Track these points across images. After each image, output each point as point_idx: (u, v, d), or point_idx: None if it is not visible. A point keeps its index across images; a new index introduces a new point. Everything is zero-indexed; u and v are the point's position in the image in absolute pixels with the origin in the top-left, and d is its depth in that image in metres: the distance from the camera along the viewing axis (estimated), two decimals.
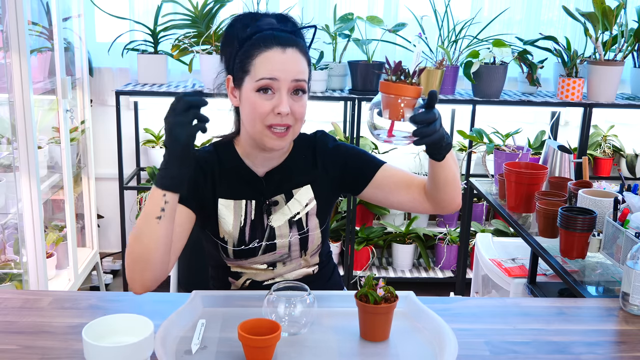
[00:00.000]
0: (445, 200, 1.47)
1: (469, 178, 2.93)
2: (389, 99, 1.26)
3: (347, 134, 3.36)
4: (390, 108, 1.26)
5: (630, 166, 3.59)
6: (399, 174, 1.55)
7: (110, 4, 3.25)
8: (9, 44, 2.34)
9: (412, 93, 1.25)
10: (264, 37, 1.41)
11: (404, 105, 1.25)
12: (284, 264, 1.56)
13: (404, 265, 3.51)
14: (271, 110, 1.39)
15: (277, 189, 1.53)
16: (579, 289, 1.72)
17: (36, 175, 2.48)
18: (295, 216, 1.54)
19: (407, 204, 1.54)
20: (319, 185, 1.56)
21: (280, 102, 1.39)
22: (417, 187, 1.52)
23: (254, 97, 1.40)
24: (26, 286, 2.55)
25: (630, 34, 3.11)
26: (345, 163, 1.56)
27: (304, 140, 1.58)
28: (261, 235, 1.52)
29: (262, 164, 1.52)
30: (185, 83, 3.28)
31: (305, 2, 3.36)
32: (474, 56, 3.10)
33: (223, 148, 1.54)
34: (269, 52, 1.40)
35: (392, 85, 1.25)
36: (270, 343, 1.18)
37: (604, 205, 1.93)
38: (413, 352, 1.26)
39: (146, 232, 1.27)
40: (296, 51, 1.42)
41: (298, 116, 1.42)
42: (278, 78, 1.39)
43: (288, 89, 1.40)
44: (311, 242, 1.56)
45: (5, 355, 1.21)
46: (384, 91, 1.27)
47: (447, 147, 1.35)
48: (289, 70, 1.39)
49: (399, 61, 1.28)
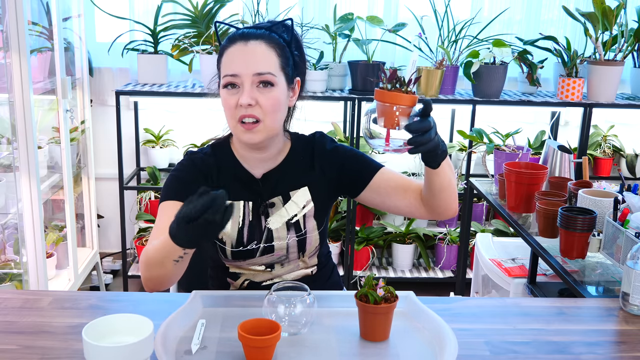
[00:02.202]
0: (440, 207, 1.47)
1: (469, 178, 2.93)
2: (384, 107, 1.25)
3: (347, 134, 3.36)
4: (385, 116, 1.26)
5: (630, 166, 3.59)
6: (396, 178, 1.54)
7: (110, 4, 3.25)
8: (9, 44, 2.34)
9: (408, 102, 1.24)
10: (231, 35, 1.45)
11: (399, 114, 1.25)
12: (282, 266, 1.56)
13: (404, 265, 3.51)
14: (236, 105, 1.41)
15: (274, 191, 1.53)
16: (579, 289, 1.72)
17: (36, 175, 2.48)
18: (292, 218, 1.53)
19: (403, 208, 1.54)
20: (316, 187, 1.56)
21: (241, 94, 1.40)
22: (413, 192, 1.52)
23: (223, 94, 1.44)
24: (26, 286, 2.55)
25: (630, 34, 3.11)
26: (342, 165, 1.56)
27: (302, 141, 1.58)
28: (259, 237, 1.52)
29: (258, 165, 1.53)
30: (185, 83, 3.28)
31: (305, 2, 3.36)
32: (474, 56, 3.10)
33: (220, 150, 1.55)
34: (231, 47, 1.43)
35: (387, 93, 1.25)
36: (270, 343, 1.18)
37: (604, 205, 1.93)
38: (413, 352, 1.26)
39: (160, 264, 1.30)
40: (261, 43, 1.42)
41: (266, 109, 1.41)
42: (238, 73, 1.40)
43: (251, 82, 1.40)
44: (309, 244, 1.55)
45: (5, 355, 1.21)
46: (379, 99, 1.26)
47: (442, 154, 1.35)
48: (250, 63, 1.40)
49: (394, 69, 1.27)
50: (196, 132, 3.49)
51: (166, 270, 1.31)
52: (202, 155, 1.53)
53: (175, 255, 1.26)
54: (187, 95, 3.04)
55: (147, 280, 1.36)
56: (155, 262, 1.31)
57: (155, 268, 1.32)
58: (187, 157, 1.54)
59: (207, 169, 1.51)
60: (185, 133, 3.53)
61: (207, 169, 1.51)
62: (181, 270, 1.34)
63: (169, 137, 3.52)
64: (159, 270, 1.31)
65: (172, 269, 1.30)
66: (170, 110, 3.50)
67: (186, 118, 3.51)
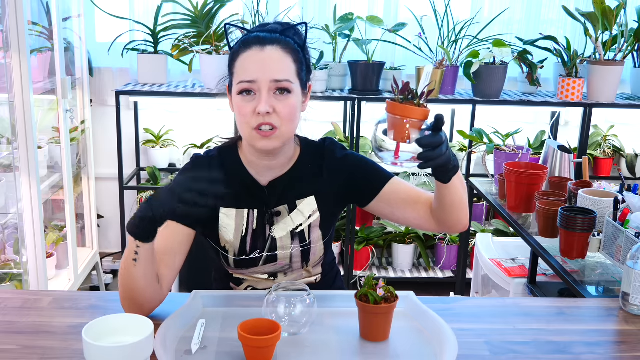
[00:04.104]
0: (450, 221, 1.44)
1: (469, 178, 2.93)
2: (395, 119, 1.23)
3: (347, 134, 3.36)
4: (396, 129, 1.23)
5: (630, 166, 3.59)
6: (406, 190, 1.51)
7: (110, 4, 3.25)
8: (9, 44, 2.34)
9: (419, 115, 1.22)
10: (246, 39, 1.40)
11: (410, 127, 1.22)
12: (285, 275, 1.54)
13: (404, 265, 3.51)
14: (253, 112, 1.37)
15: (280, 200, 1.50)
16: (579, 289, 1.72)
17: (36, 175, 2.48)
18: (297, 228, 1.50)
19: (412, 221, 1.51)
20: (323, 196, 1.52)
21: (259, 102, 1.36)
22: (423, 204, 1.48)
23: (237, 100, 1.39)
24: (26, 286, 2.55)
25: (630, 34, 3.11)
26: (352, 174, 1.52)
27: (311, 148, 1.54)
28: (262, 245, 1.49)
29: (266, 172, 1.49)
30: (185, 83, 3.28)
31: (305, 2, 3.36)
32: (474, 56, 3.10)
33: (227, 154, 1.51)
34: (248, 52, 1.38)
35: (399, 105, 1.22)
36: (270, 343, 1.18)
37: (604, 205, 1.93)
38: (413, 352, 1.26)
39: (125, 272, 1.30)
40: (278, 49, 1.38)
41: (283, 116, 1.37)
42: (256, 80, 1.36)
43: (268, 89, 1.36)
44: (313, 254, 1.53)
45: (5, 355, 1.21)
46: (390, 111, 1.23)
47: (453, 169, 1.32)
48: (268, 69, 1.36)
49: (407, 82, 1.25)
50: (196, 132, 3.49)
51: (129, 277, 1.29)
52: (208, 159, 1.50)
53: (132, 253, 1.27)
54: (187, 95, 3.04)
55: (122, 299, 1.34)
56: (121, 267, 1.31)
57: (122, 276, 1.31)
58: (192, 161, 1.51)
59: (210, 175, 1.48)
60: (185, 133, 3.53)
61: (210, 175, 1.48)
62: (143, 282, 1.30)
63: (169, 137, 3.52)
64: (126, 278, 1.30)
65: (134, 276, 1.28)
66: (170, 110, 3.51)
67: (186, 118, 3.51)
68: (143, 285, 1.31)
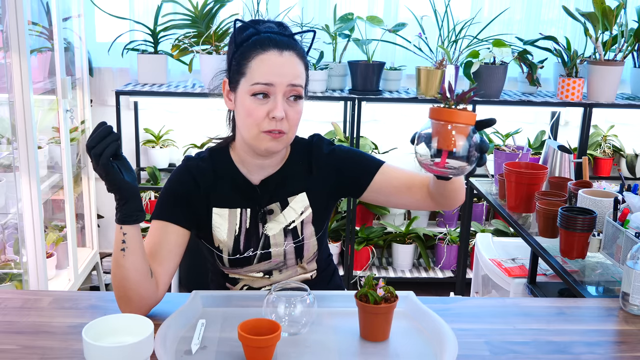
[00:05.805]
0: (450, 203, 1.49)
1: (469, 178, 2.92)
2: (440, 125, 1.18)
3: (347, 134, 3.36)
4: (440, 136, 1.18)
5: (630, 166, 3.59)
6: (399, 175, 1.52)
7: (110, 4, 3.25)
8: (9, 44, 2.34)
9: (466, 119, 1.18)
10: (261, 40, 1.39)
11: (457, 133, 1.17)
12: (280, 272, 1.55)
13: (404, 265, 3.51)
14: (266, 115, 1.37)
15: (272, 197, 1.51)
16: (579, 289, 1.72)
17: (36, 175, 2.48)
18: (290, 224, 1.51)
19: (410, 205, 1.55)
20: (314, 193, 1.53)
21: (275, 106, 1.36)
22: (418, 187, 1.50)
23: (249, 101, 1.38)
24: (26, 286, 2.55)
25: (630, 34, 3.11)
26: (341, 168, 1.53)
27: (300, 145, 1.55)
28: (256, 244, 1.50)
29: (258, 171, 1.50)
30: (185, 83, 3.28)
31: (305, 2, 3.36)
32: (474, 56, 3.10)
33: (218, 155, 1.52)
34: (266, 54, 1.38)
35: (445, 110, 1.17)
36: (270, 343, 1.18)
37: (604, 205, 1.93)
38: (413, 352, 1.26)
39: (116, 265, 1.30)
40: (293, 55, 1.39)
41: (292, 122, 1.40)
42: (274, 83, 1.36)
43: (284, 93, 1.37)
44: (307, 250, 1.54)
45: (5, 355, 1.21)
46: (434, 118, 1.19)
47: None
48: (285, 74, 1.37)
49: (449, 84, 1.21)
50: (196, 132, 3.49)
51: (120, 270, 1.29)
52: (199, 161, 1.50)
53: (119, 243, 1.27)
54: (187, 95, 3.04)
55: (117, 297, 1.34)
56: (112, 262, 1.32)
57: (115, 274, 1.31)
58: (183, 163, 1.52)
59: (201, 176, 1.48)
60: (185, 133, 3.53)
61: (201, 176, 1.48)
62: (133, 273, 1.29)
63: (169, 137, 3.52)
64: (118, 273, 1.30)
65: (124, 268, 1.29)
66: (170, 110, 3.51)
67: (186, 118, 3.51)
68: (136, 280, 1.30)
